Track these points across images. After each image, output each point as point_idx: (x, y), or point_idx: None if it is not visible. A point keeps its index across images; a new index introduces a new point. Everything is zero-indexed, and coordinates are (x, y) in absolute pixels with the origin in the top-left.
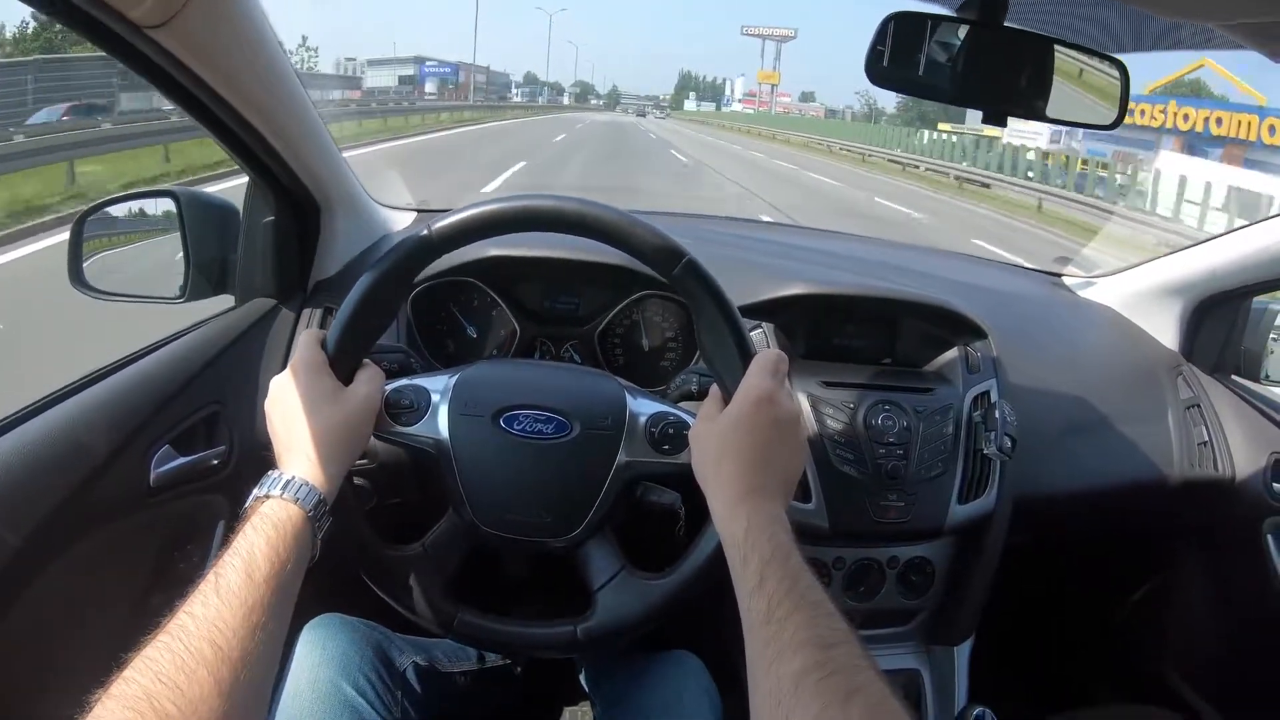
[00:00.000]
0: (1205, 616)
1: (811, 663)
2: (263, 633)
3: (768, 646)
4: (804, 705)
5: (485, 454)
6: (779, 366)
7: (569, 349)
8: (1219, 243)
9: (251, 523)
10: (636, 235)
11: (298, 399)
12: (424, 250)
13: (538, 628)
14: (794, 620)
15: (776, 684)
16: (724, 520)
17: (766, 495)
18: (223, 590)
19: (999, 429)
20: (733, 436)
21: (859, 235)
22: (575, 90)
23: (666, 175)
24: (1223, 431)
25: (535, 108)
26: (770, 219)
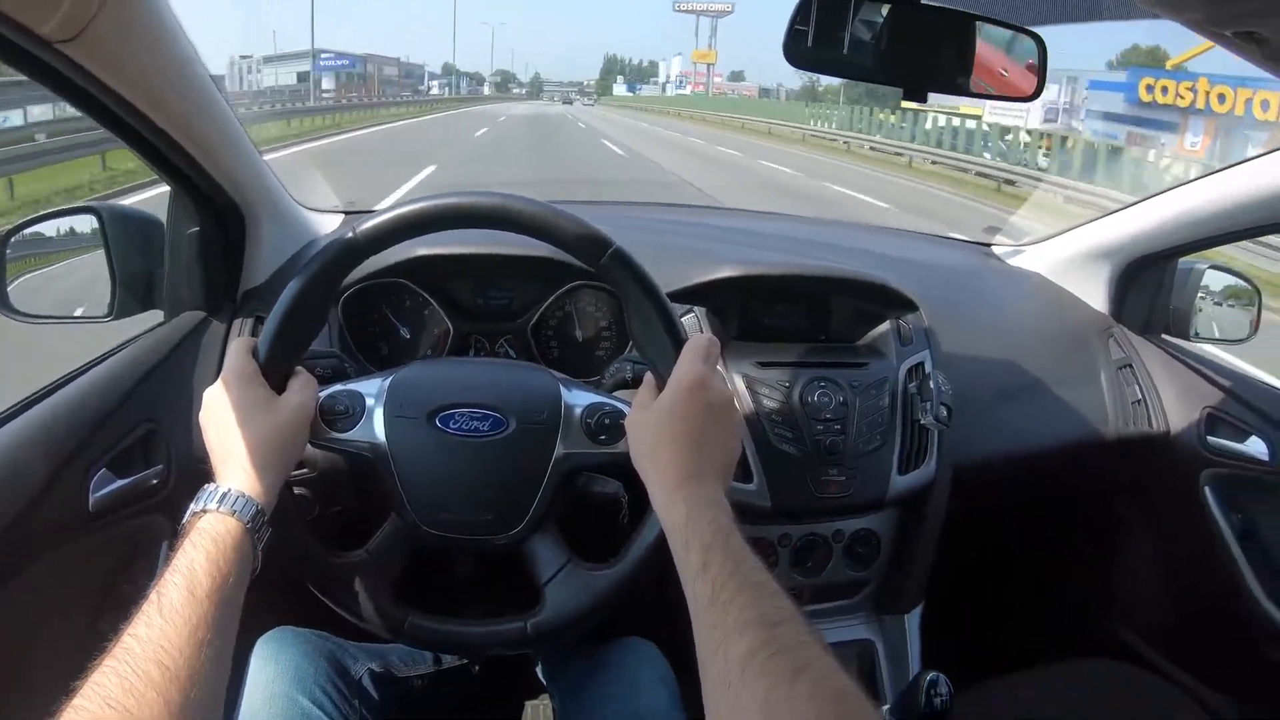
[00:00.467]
0: (1149, 569)
1: (757, 643)
2: (209, 649)
3: (714, 630)
4: (751, 685)
5: (423, 455)
6: (710, 351)
7: (504, 344)
8: (1143, 207)
9: (190, 539)
10: (561, 227)
11: (230, 410)
12: (350, 253)
13: (487, 626)
14: (738, 602)
15: (724, 666)
16: (664, 507)
17: (705, 479)
18: (165, 609)
19: (934, 399)
20: (668, 423)
21: (789, 215)
22: (496, 80)
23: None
24: (1155, 389)
25: (452, 101)
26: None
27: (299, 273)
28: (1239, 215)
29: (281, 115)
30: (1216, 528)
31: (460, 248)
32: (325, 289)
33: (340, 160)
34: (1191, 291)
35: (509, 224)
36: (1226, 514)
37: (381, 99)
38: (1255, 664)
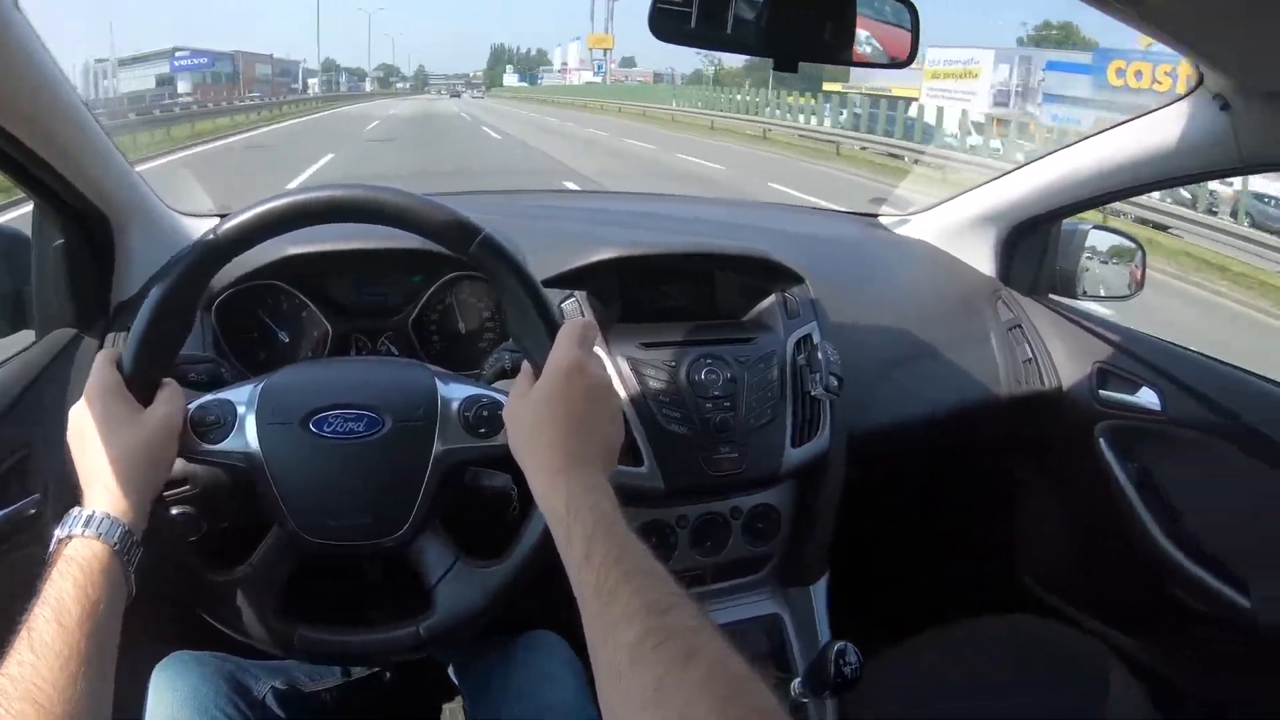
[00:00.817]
0: (1052, 522)
1: (646, 630)
2: (84, 682)
3: (601, 619)
4: (642, 674)
5: (299, 462)
6: (586, 334)
7: (385, 342)
8: (1025, 171)
9: (57, 567)
10: (428, 216)
11: (93, 427)
12: (212, 255)
13: (379, 633)
14: (624, 589)
15: (613, 655)
16: (544, 496)
17: (585, 465)
18: (36, 644)
19: (823, 370)
20: (545, 410)
21: (673, 194)
22: (378, 75)
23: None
24: (1045, 348)
25: (318, 101)
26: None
27: (160, 279)
28: (1118, 176)
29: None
30: (1113, 477)
31: (333, 244)
32: (190, 294)
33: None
34: (1076, 251)
35: (374, 216)
36: (1122, 463)
37: (246, 101)
38: (1159, 603)
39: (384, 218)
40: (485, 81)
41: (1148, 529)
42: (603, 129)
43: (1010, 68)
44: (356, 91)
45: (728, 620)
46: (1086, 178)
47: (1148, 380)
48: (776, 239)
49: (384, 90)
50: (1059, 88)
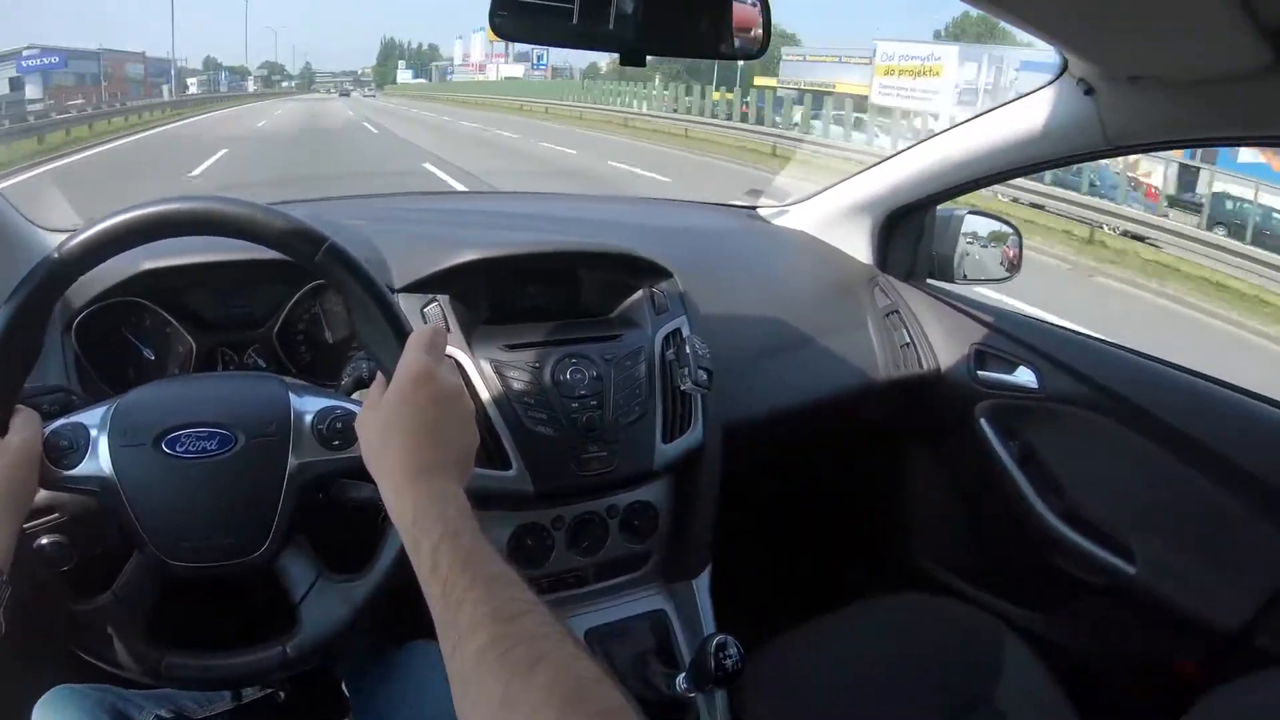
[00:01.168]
0: (939, 501)
1: (492, 638)
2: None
3: (449, 630)
4: (487, 683)
5: (153, 484)
6: (435, 340)
7: (251, 354)
8: (899, 160)
9: None
10: (270, 226)
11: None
12: (55, 275)
13: (247, 655)
14: (470, 598)
15: (461, 665)
16: (393, 507)
17: (435, 475)
18: None
19: (692, 364)
20: (394, 419)
21: (546, 193)
22: (262, 74)
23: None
24: (923, 331)
25: (203, 102)
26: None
27: (3, 303)
28: (989, 161)
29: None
30: (995, 455)
31: (190, 257)
32: (36, 316)
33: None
34: (953, 237)
35: (217, 228)
36: (1004, 441)
37: (105, 107)
38: (1047, 575)
39: (226, 229)
40: (375, 79)
41: (1031, 504)
42: (510, 129)
43: (978, 66)
44: (239, 91)
45: (612, 619)
46: (958, 163)
47: (1024, 359)
48: (648, 234)
49: (268, 90)
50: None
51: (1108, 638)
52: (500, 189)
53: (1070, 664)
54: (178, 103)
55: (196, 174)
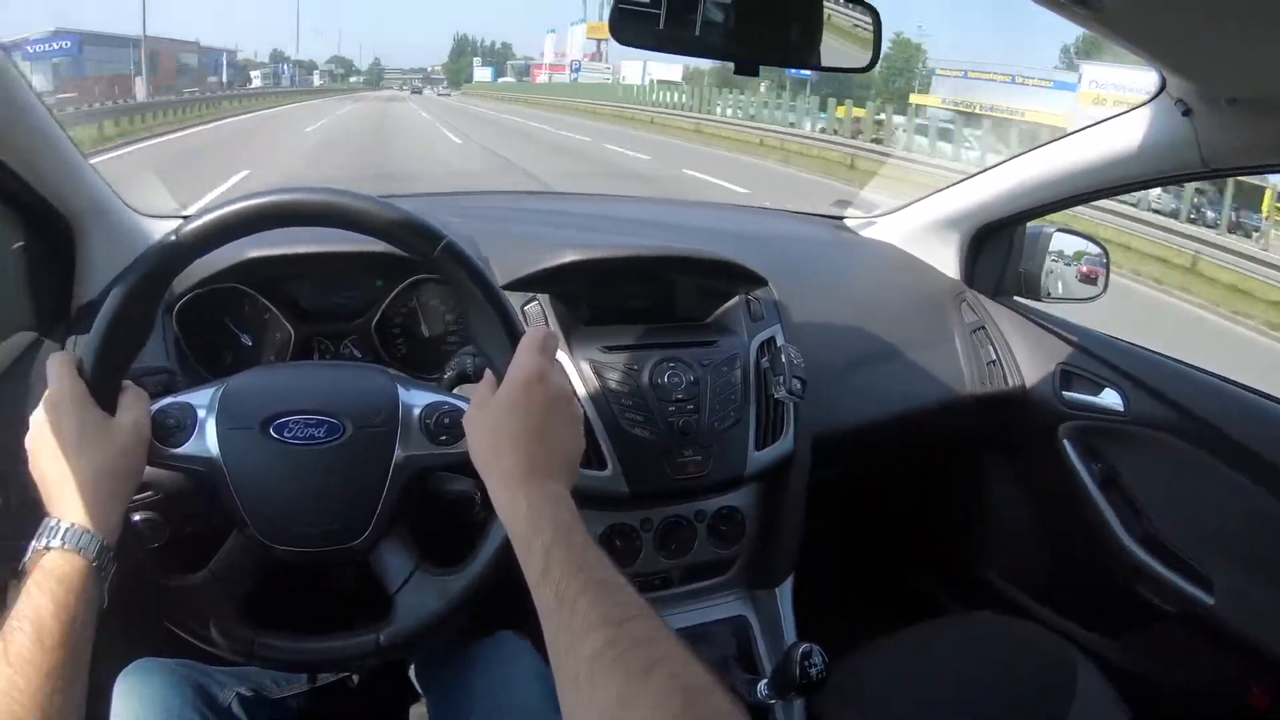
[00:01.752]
0: (1018, 521)
1: (606, 640)
2: (60, 697)
3: (561, 631)
4: (603, 685)
5: (259, 467)
6: (547, 343)
7: (348, 345)
8: (990, 175)
9: (35, 579)
10: (390, 221)
11: (62, 437)
12: (172, 257)
13: (339, 640)
14: (583, 601)
15: (575, 667)
16: (504, 507)
17: (545, 476)
18: (13, 658)
19: (787, 372)
20: (506, 420)
21: (637, 197)
22: (331, 69)
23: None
24: (1009, 349)
25: (266, 96)
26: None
27: (120, 281)
28: (1083, 179)
29: None
30: (1077, 477)
31: (295, 247)
32: (150, 297)
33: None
34: (1040, 254)
35: (336, 220)
36: (1086, 464)
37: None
38: (1123, 600)
39: (346, 222)
40: (448, 77)
41: (1111, 528)
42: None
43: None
44: (303, 87)
45: (694, 623)
46: (1051, 181)
47: (1110, 381)
48: (740, 241)
49: (336, 86)
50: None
51: (1181, 666)
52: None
53: (1142, 691)
54: (206, 99)
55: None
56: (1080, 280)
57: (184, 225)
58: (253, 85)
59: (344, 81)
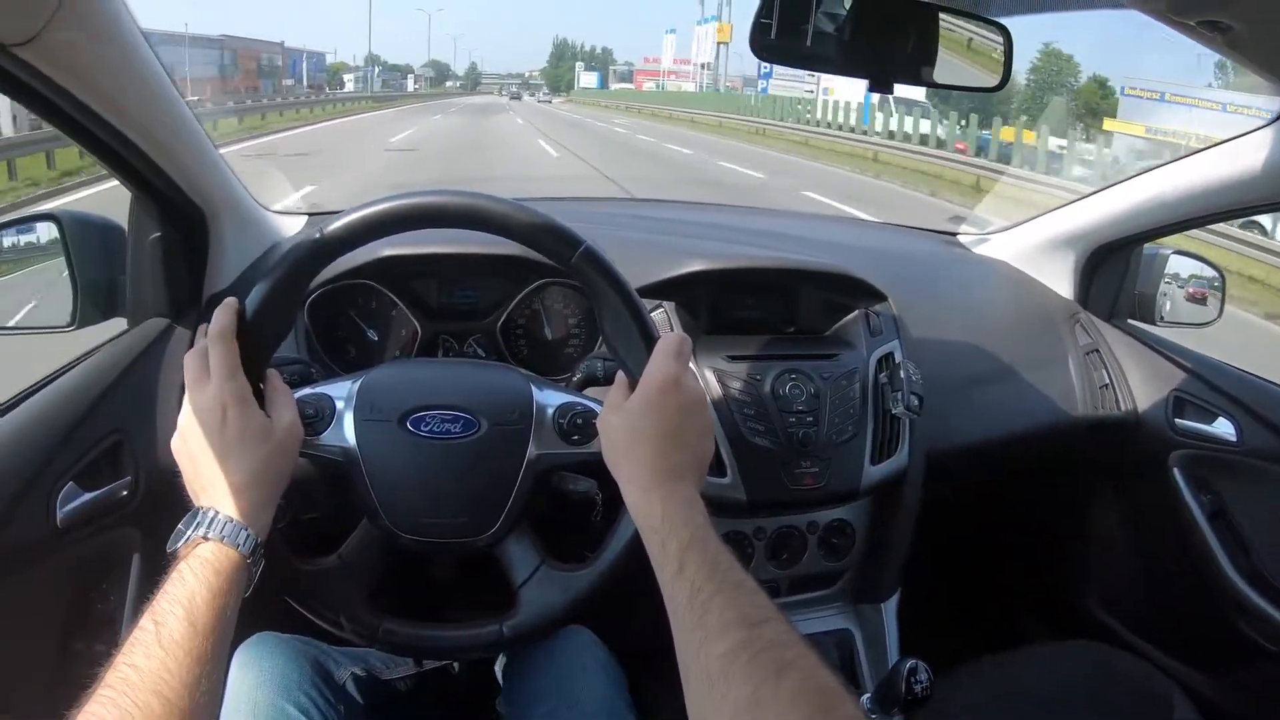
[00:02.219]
0: (1122, 549)
1: (739, 642)
2: (207, 682)
3: (694, 631)
4: (736, 685)
5: (394, 459)
6: (682, 349)
7: (472, 344)
8: (1107, 194)
9: (189, 566)
10: (530, 225)
11: (226, 434)
12: (317, 254)
13: (463, 630)
14: (717, 602)
15: (706, 666)
16: (639, 508)
17: (679, 479)
18: (166, 641)
19: (905, 388)
20: (641, 423)
21: (751, 207)
22: (428, 73)
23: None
24: (1123, 373)
25: (350, 101)
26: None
27: (266, 275)
28: (1202, 201)
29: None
30: (1186, 508)
31: (426, 247)
32: (294, 291)
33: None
34: (1156, 277)
35: (478, 223)
36: (1195, 494)
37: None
38: (1228, 640)
39: (488, 225)
40: (547, 82)
41: (1218, 562)
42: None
43: None
44: (395, 91)
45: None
46: (1169, 202)
47: (1224, 411)
48: (857, 255)
49: (432, 91)
50: None
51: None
52: None
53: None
54: (274, 105)
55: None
56: (1195, 304)
57: (330, 223)
58: (345, 89)
59: (439, 86)
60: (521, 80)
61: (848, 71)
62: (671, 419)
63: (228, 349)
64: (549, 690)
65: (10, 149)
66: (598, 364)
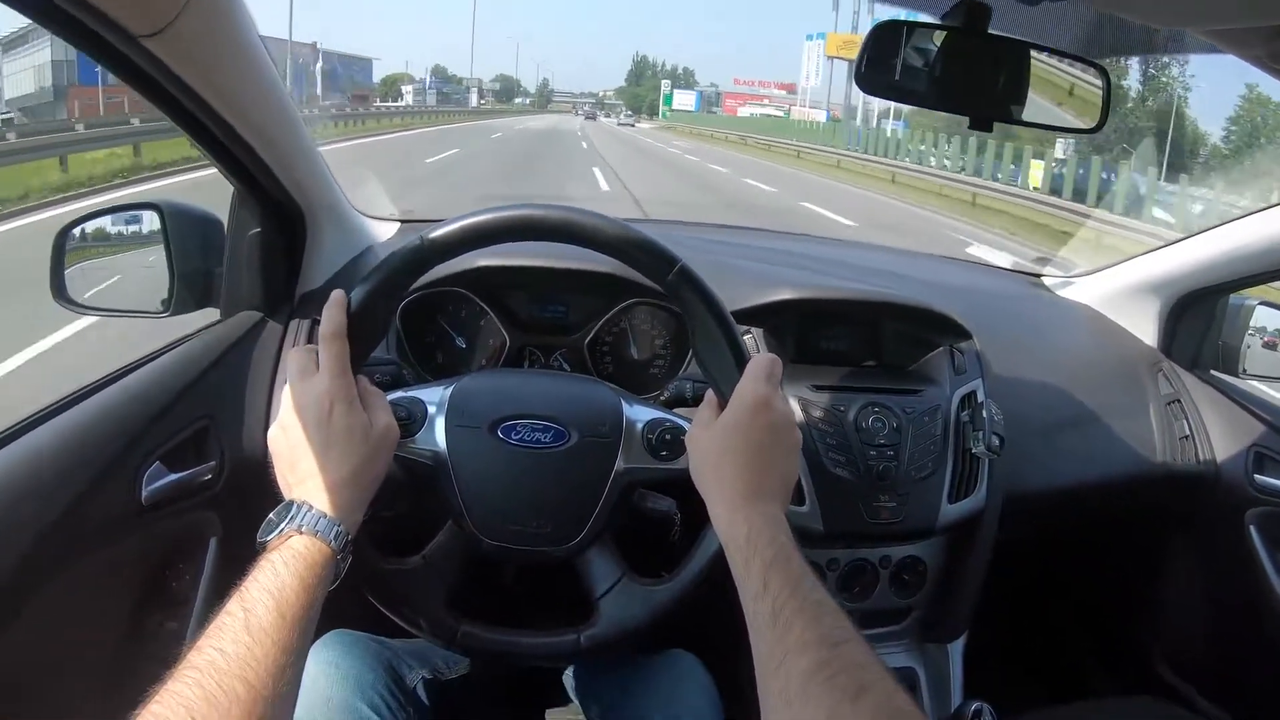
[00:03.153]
0: (1192, 605)
1: (819, 661)
2: (290, 672)
3: (775, 647)
4: (814, 704)
5: (484, 465)
6: (773, 371)
7: (558, 358)
8: (1195, 241)
9: (281, 556)
10: (628, 241)
11: (331, 433)
12: (418, 260)
13: (541, 637)
14: (799, 621)
15: (785, 684)
16: (725, 524)
17: (766, 498)
18: (254, 628)
19: (986, 428)
20: (731, 441)
21: (840, 239)
22: (494, 87)
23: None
24: (1203, 425)
25: (393, 117)
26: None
27: (367, 278)
28: None
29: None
30: (1260, 567)
31: (521, 259)
32: (392, 296)
33: None
34: (1242, 327)
35: (576, 237)
36: (1271, 553)
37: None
38: None
39: (585, 240)
40: (624, 102)
41: None
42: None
43: None
44: (453, 105)
45: None
46: (1258, 251)
47: None
48: (944, 291)
49: (495, 106)
50: None
51: None
52: None
53: None
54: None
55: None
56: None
57: (432, 231)
58: (402, 102)
59: (507, 101)
60: (596, 99)
61: (947, 108)
62: (761, 438)
63: (340, 346)
64: (650, 711)
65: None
66: (687, 385)
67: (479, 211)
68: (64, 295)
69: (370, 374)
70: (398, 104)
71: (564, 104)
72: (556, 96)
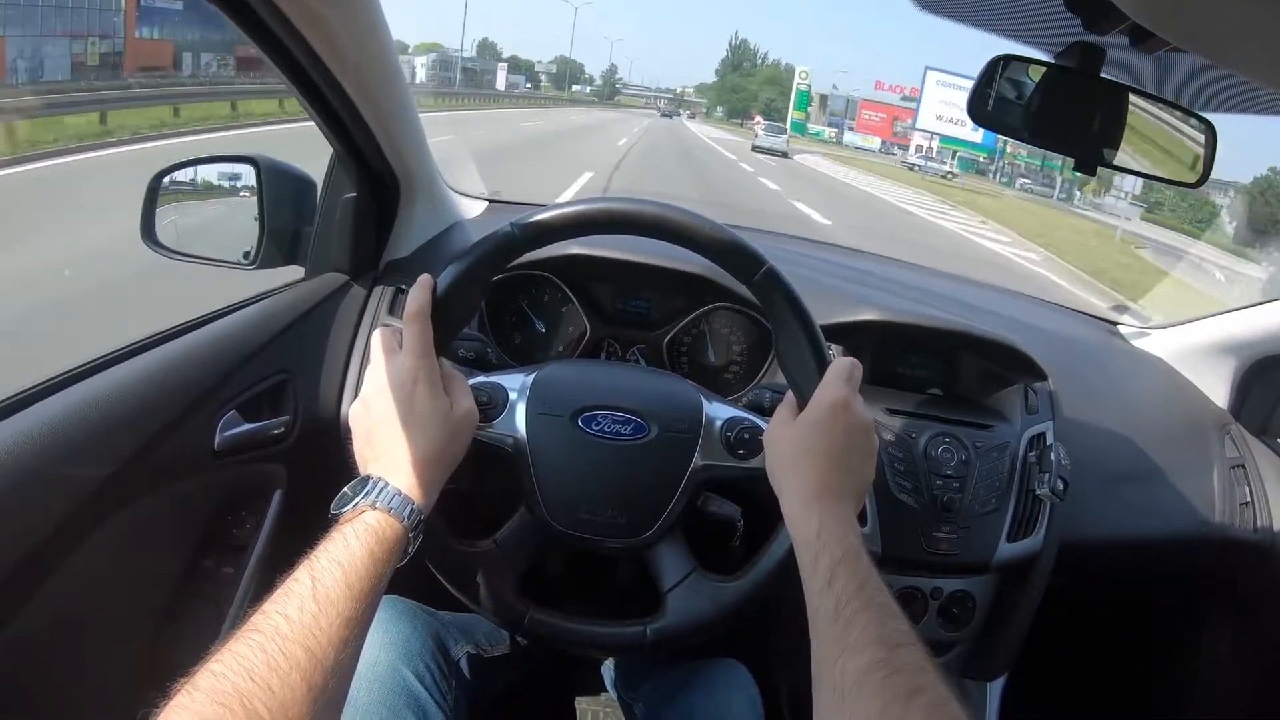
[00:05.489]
0: (1230, 676)
1: (876, 660)
2: (353, 645)
3: (834, 643)
4: (867, 701)
5: (563, 453)
6: (854, 374)
7: (635, 352)
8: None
9: (354, 529)
10: (718, 240)
11: (415, 412)
12: (509, 246)
13: (607, 627)
14: (861, 619)
15: (841, 679)
16: (797, 521)
17: (839, 498)
18: (320, 597)
19: (1053, 471)
20: (808, 440)
21: (924, 266)
22: (550, 69)
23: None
24: (1265, 494)
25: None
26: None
27: (457, 260)
28: None
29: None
30: None
31: (612, 252)
32: (482, 279)
33: None
34: None
35: (667, 233)
36: None
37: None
38: None
39: (676, 237)
40: (706, 103)
41: None
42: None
43: None
44: (478, 88)
45: None
46: None
47: None
48: (1021, 329)
49: (550, 94)
50: None
51: None
52: None
53: None
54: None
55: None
56: None
57: (524, 218)
58: (417, 80)
59: (568, 90)
60: (673, 96)
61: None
62: (838, 439)
63: (424, 326)
64: (696, 715)
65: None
66: (765, 394)
67: (573, 202)
68: (152, 237)
69: (456, 348)
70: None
71: (637, 97)
72: (627, 88)
